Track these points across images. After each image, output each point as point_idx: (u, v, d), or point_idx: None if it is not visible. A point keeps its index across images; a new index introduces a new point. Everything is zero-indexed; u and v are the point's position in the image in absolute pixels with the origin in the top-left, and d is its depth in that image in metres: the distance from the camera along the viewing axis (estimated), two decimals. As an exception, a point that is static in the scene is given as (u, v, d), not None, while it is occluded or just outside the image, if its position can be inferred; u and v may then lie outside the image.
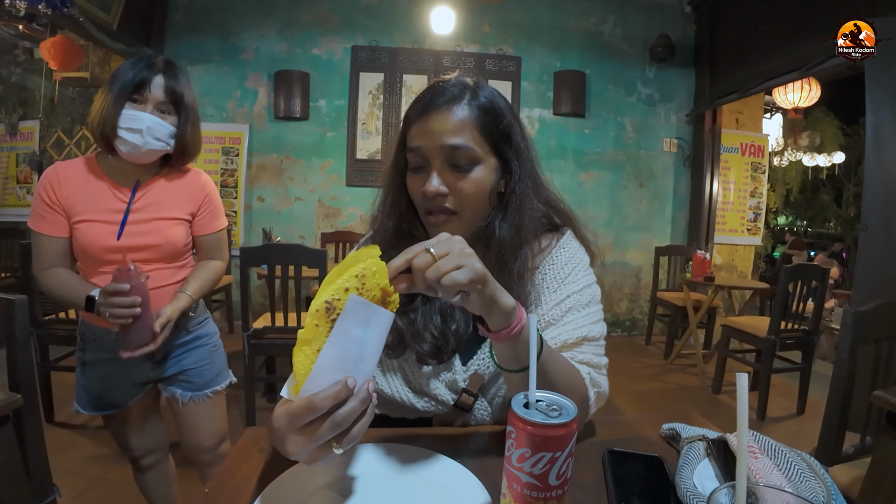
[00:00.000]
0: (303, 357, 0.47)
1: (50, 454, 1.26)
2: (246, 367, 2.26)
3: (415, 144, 0.71)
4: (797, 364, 2.87)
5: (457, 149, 0.69)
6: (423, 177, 0.71)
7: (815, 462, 0.62)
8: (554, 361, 0.64)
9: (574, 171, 4.33)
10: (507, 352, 0.60)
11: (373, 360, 0.50)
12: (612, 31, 4.33)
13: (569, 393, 0.65)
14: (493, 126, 0.72)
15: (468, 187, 0.70)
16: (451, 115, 0.69)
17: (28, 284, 2.18)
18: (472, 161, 0.70)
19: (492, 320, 0.58)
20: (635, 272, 4.52)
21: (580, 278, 0.78)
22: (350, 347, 0.48)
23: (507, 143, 0.74)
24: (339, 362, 0.47)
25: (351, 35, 4.11)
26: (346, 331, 0.47)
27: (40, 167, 4.23)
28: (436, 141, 0.69)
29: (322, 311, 0.47)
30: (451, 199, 0.71)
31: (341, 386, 0.46)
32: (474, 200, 0.71)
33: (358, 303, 0.47)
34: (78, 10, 2.95)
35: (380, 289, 0.51)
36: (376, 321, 0.49)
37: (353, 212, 4.22)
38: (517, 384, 0.61)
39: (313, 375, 0.46)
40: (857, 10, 2.39)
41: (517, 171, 0.74)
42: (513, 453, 0.44)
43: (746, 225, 4.66)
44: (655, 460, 0.64)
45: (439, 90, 0.72)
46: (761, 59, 3.69)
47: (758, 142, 4.65)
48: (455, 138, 0.69)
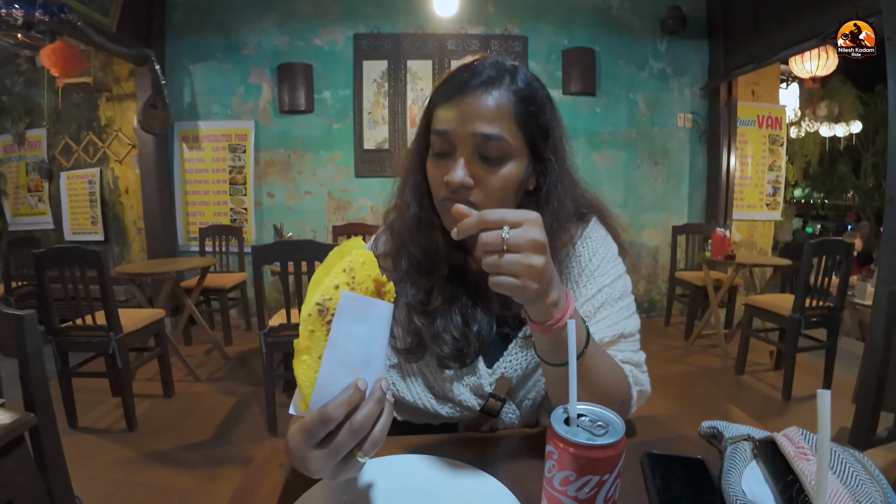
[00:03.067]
0: (305, 368, 0.44)
1: (73, 460, 1.27)
2: (264, 364, 2.26)
3: (442, 128, 0.63)
4: (822, 342, 2.79)
5: (489, 139, 0.61)
6: (446, 163, 0.64)
7: (869, 462, 0.58)
8: (598, 359, 0.59)
9: (587, 151, 4.23)
10: (547, 345, 0.56)
11: (380, 357, 0.48)
12: (621, 4, 4.18)
13: (612, 393, 0.61)
14: (531, 119, 0.65)
15: (496, 182, 0.63)
16: (486, 99, 0.62)
17: (44, 292, 2.19)
18: (504, 154, 0.63)
19: (532, 310, 0.53)
20: (652, 252, 4.44)
21: (610, 269, 0.73)
22: (353, 347, 0.45)
23: (544, 140, 0.67)
24: (344, 365, 0.45)
25: (352, 23, 4.04)
26: (344, 330, 0.44)
27: (50, 175, 4.26)
28: (467, 127, 0.62)
29: (315, 315, 0.44)
30: (476, 192, 0.63)
31: (353, 390, 0.43)
32: (500, 196, 0.64)
33: (352, 298, 0.44)
34: (75, 14, 2.93)
35: (371, 280, 0.47)
36: (375, 315, 0.46)
37: (364, 203, 4.19)
38: (556, 378, 0.58)
39: (320, 385, 0.44)
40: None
41: (554, 170, 0.67)
42: (554, 475, 0.40)
43: (765, 200, 4.54)
44: (697, 462, 0.60)
45: (475, 70, 0.64)
46: (777, 28, 3.54)
47: (775, 113, 4.50)
48: (489, 127, 0.61)
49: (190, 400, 2.69)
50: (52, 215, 4.36)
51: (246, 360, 3.32)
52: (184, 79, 4.05)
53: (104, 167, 4.18)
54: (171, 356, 2.77)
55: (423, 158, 0.70)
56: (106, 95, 4.10)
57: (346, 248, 0.49)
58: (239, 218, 4.17)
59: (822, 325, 2.76)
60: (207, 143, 4.11)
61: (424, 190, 0.71)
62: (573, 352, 0.45)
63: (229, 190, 4.15)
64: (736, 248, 3.77)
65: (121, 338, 2.28)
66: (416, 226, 0.72)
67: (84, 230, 4.26)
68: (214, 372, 3.11)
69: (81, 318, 2.30)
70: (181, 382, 2.89)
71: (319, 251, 2.20)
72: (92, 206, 4.20)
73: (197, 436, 2.29)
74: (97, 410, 2.52)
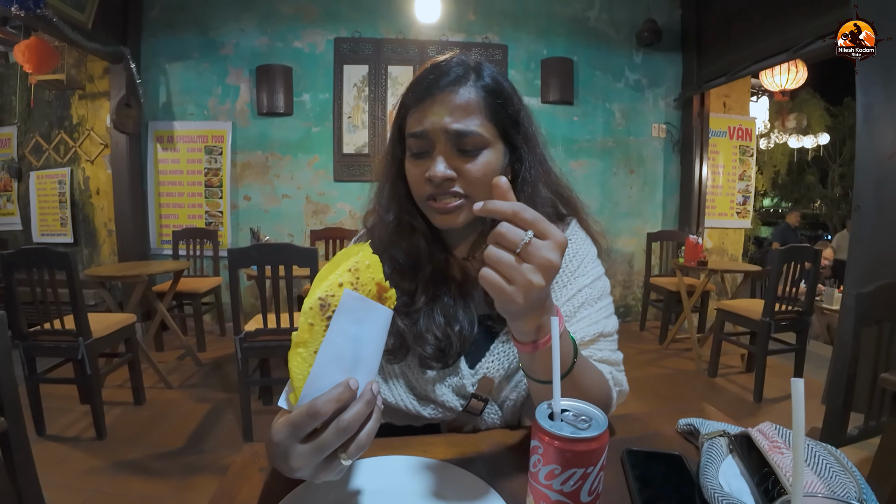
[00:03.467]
0: (299, 360, 0.44)
1: (41, 469, 1.21)
2: (239, 370, 2.21)
3: (417, 130, 0.66)
4: (791, 345, 2.89)
5: (464, 135, 0.64)
6: (425, 162, 0.66)
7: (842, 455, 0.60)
8: (584, 374, 0.60)
9: (564, 159, 4.30)
10: (529, 363, 0.55)
11: (374, 360, 0.47)
12: (599, 16, 4.29)
13: (594, 398, 0.62)
14: (501, 110, 0.67)
15: (477, 170, 0.65)
16: (456, 97, 0.64)
17: (11, 295, 2.11)
18: (481, 145, 0.65)
19: (514, 327, 0.52)
20: (628, 258, 4.53)
21: (589, 270, 0.75)
22: (349, 346, 0.45)
23: (515, 129, 0.69)
24: (338, 363, 0.44)
25: (333, 27, 4.03)
26: (342, 328, 0.44)
27: (19, 174, 4.12)
28: (441, 125, 0.64)
29: (316, 309, 0.44)
30: (460, 182, 0.65)
31: (344, 388, 0.43)
32: (483, 183, 0.65)
33: (353, 298, 0.44)
34: (51, 10, 2.85)
35: (375, 283, 0.47)
36: (374, 318, 0.46)
37: (342, 207, 4.16)
38: (539, 392, 0.57)
39: (312, 379, 0.43)
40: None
41: (527, 157, 0.70)
42: (540, 470, 0.41)
43: (736, 208, 4.69)
44: (676, 458, 0.61)
45: (441, 71, 0.66)
46: (748, 42, 3.68)
47: (745, 125, 4.66)
48: (462, 123, 0.64)
49: (161, 407, 2.61)
50: (21, 216, 4.21)
51: (220, 367, 3.25)
52: (159, 78, 3.96)
53: (75, 167, 4.05)
54: (142, 362, 2.69)
55: (399, 163, 0.71)
56: (79, 93, 3.98)
57: (352, 250, 0.49)
58: (214, 221, 4.08)
59: (792, 329, 2.86)
60: (183, 144, 4.03)
61: (403, 193, 0.72)
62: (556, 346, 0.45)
63: (205, 192, 4.07)
64: (708, 255, 3.87)
65: (90, 343, 2.20)
66: (396, 229, 0.73)
67: (53, 231, 4.12)
68: (187, 378, 3.03)
69: (49, 323, 2.22)
70: (152, 389, 2.80)
71: (297, 255, 2.18)
72: (62, 207, 4.06)
73: (169, 444, 2.23)
74: (65, 418, 2.43)
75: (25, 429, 1.00)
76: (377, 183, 0.77)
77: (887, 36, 2.12)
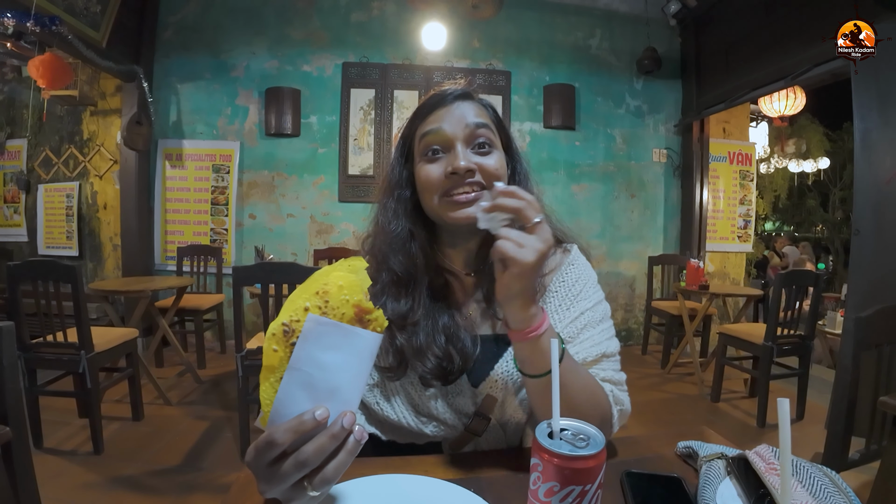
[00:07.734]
0: (267, 386, 0.43)
1: (39, 482, 1.21)
2: (239, 388, 2.21)
3: (434, 126, 0.71)
4: (794, 369, 2.87)
5: (480, 126, 0.71)
6: (443, 161, 0.70)
7: (837, 477, 0.60)
8: (575, 375, 0.62)
9: (566, 182, 4.36)
10: (524, 354, 0.60)
11: (353, 390, 0.45)
12: (600, 44, 4.39)
13: (591, 408, 0.63)
14: (500, 125, 0.77)
15: (492, 165, 0.70)
16: (466, 103, 0.73)
17: (15, 307, 2.12)
18: (492, 143, 0.72)
19: (511, 314, 0.58)
20: (629, 282, 4.53)
21: (591, 294, 0.77)
22: (318, 374, 0.43)
23: (509, 144, 0.78)
24: (309, 390, 0.43)
25: (342, 51, 4.13)
26: (309, 356, 0.42)
27: (28, 186, 4.17)
28: (459, 121, 0.71)
29: (279, 335, 0.43)
30: (478, 176, 0.70)
31: (300, 421, 0.42)
32: (498, 178, 0.71)
33: (320, 323, 0.43)
34: (67, 27, 2.93)
35: (351, 306, 0.45)
36: (351, 343, 0.44)
37: (346, 228, 4.20)
38: (538, 392, 0.60)
39: (277, 406, 0.42)
40: (841, 17, 2.43)
41: (520, 171, 0.79)
42: (539, 487, 0.42)
43: (737, 232, 4.71)
44: (675, 481, 0.62)
45: (447, 91, 0.74)
46: (746, 70, 3.75)
47: (745, 150, 4.72)
48: (477, 118, 0.71)
49: (160, 423, 2.60)
50: (27, 228, 4.25)
51: (219, 384, 3.23)
52: (171, 97, 4.05)
53: (83, 181, 4.11)
54: (141, 378, 2.68)
55: (405, 174, 0.76)
56: (90, 109, 4.07)
57: (328, 270, 0.48)
58: (219, 238, 4.12)
59: (794, 353, 2.84)
60: (191, 162, 4.09)
61: (409, 203, 0.76)
62: (556, 369, 0.47)
63: (211, 210, 4.12)
64: (709, 279, 3.88)
65: (92, 356, 2.21)
66: (396, 239, 0.75)
67: (58, 244, 4.15)
68: (186, 395, 3.02)
69: (52, 335, 2.22)
70: (151, 405, 2.79)
71: (302, 274, 2.19)
72: (68, 221, 4.10)
73: (166, 461, 2.21)
74: (63, 431, 2.42)
75: (29, 440, 1.01)
76: (377, 202, 0.80)
77: (887, 36, 2.16)
